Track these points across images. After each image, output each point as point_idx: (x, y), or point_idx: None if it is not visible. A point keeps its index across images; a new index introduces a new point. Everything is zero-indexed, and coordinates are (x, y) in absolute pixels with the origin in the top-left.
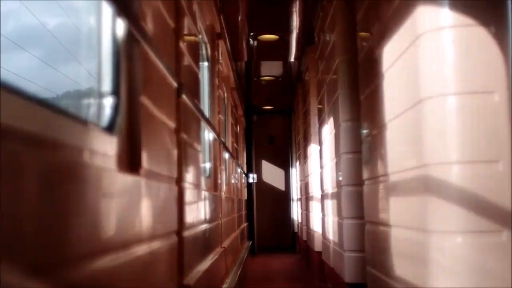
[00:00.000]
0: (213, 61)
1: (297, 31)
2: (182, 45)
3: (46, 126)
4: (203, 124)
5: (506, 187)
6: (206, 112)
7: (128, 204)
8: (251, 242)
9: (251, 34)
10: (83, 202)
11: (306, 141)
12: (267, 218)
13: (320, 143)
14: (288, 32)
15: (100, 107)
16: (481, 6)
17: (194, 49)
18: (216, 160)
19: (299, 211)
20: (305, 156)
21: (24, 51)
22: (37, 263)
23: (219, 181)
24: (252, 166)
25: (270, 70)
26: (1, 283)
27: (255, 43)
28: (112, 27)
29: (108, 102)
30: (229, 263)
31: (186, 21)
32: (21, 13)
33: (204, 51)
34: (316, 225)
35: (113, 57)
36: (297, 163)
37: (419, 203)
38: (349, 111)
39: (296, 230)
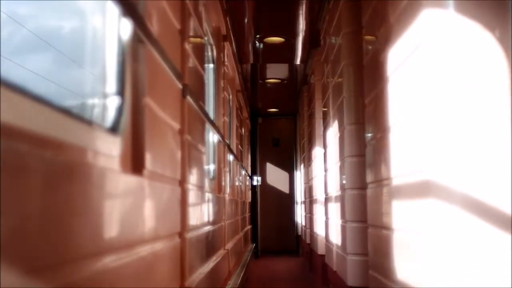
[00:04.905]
0: (219, 63)
1: (303, 34)
2: (188, 47)
3: (50, 126)
4: (208, 125)
5: (507, 189)
6: (211, 114)
7: (131, 205)
8: (254, 244)
9: (257, 36)
10: (86, 203)
11: (311, 144)
12: (271, 221)
13: (324, 146)
14: (294, 34)
15: (104, 108)
16: (485, 8)
17: (200, 50)
18: (220, 162)
19: (303, 214)
20: (310, 159)
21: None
22: (39, 263)
23: (223, 183)
24: (257, 169)
25: (275, 72)
26: (3, 283)
27: (261, 45)
28: (117, 28)
29: (113, 103)
30: (232, 265)
31: (192, 23)
32: (24, 15)
33: (209, 53)
34: (319, 228)
35: (118, 58)
36: (302, 166)
37: (422, 206)
38: (353, 114)
39: (299, 233)
